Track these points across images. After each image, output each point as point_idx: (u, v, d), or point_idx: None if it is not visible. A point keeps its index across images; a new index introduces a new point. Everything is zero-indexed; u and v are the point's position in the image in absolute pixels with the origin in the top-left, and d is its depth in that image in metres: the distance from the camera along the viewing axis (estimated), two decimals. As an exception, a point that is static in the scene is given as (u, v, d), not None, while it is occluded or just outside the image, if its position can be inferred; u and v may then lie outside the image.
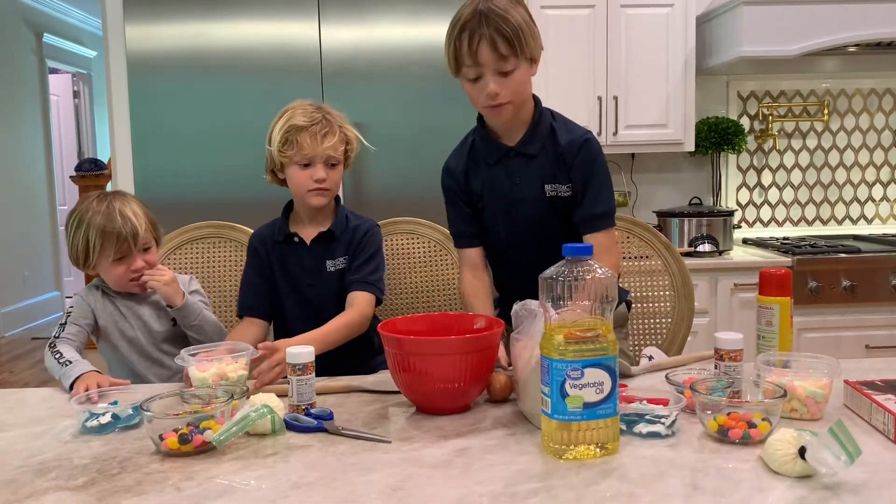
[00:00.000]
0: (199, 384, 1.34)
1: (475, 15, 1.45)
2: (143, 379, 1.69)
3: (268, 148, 1.73)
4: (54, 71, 7.15)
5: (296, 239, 1.77)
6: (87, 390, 1.38)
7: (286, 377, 1.31)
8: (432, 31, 2.86)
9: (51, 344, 1.61)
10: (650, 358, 1.61)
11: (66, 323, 1.67)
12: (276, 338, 1.77)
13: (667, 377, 1.33)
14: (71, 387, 1.45)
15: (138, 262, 1.66)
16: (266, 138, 1.73)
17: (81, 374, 1.46)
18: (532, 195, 1.62)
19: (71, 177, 6.05)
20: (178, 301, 1.67)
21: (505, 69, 1.48)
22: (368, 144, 1.81)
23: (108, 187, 6.30)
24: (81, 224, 1.64)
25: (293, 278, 1.78)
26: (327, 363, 1.50)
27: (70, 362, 1.52)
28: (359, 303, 1.71)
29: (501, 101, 1.50)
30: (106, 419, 1.25)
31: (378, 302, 1.77)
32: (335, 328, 1.64)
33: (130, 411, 1.27)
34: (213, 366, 1.37)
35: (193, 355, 1.39)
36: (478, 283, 1.68)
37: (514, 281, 1.72)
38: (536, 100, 1.63)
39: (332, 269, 1.76)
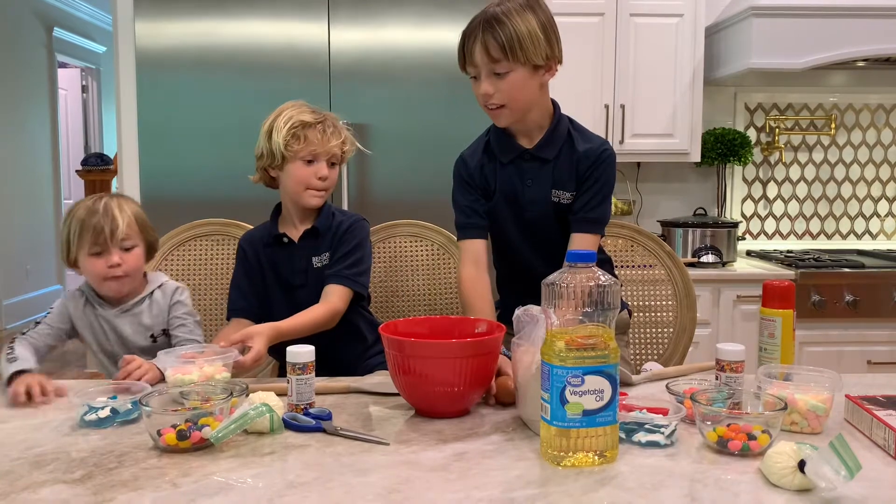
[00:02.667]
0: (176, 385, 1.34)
1: (479, 18, 1.53)
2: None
3: (265, 144, 1.72)
4: (63, 65, 7.17)
5: (285, 240, 1.77)
6: (27, 391, 1.38)
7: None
8: (441, 35, 2.86)
9: (11, 340, 1.59)
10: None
11: (41, 321, 1.66)
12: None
13: (667, 387, 1.33)
14: (9, 382, 1.44)
15: (114, 258, 1.60)
16: (262, 135, 1.73)
17: (21, 373, 1.45)
18: (540, 198, 1.64)
19: (77, 171, 6.06)
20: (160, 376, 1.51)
21: (497, 71, 1.52)
22: (363, 148, 1.83)
23: (114, 182, 6.33)
24: (68, 217, 1.64)
25: (283, 279, 1.77)
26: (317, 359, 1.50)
27: (16, 359, 1.50)
28: (330, 297, 1.68)
29: (495, 102, 1.54)
30: (105, 413, 1.25)
31: (360, 297, 1.75)
32: (300, 323, 1.62)
33: (129, 406, 1.27)
34: (192, 369, 1.36)
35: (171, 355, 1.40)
36: (479, 282, 1.65)
37: (514, 282, 1.72)
38: (556, 105, 1.65)
39: (318, 265, 1.75)
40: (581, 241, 1.62)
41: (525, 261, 1.69)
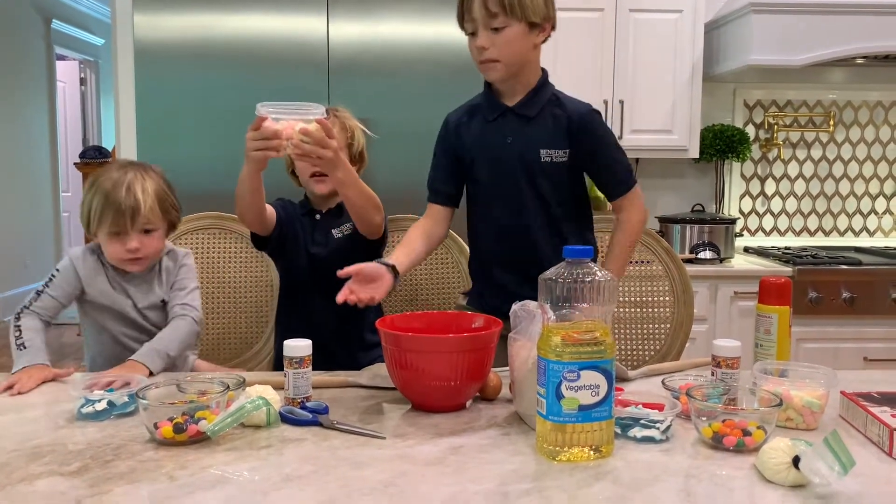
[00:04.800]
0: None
1: None
2: (125, 347, 1.65)
3: None
4: (61, 58, 7.16)
5: (317, 216, 1.89)
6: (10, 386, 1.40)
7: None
8: (440, 29, 2.86)
9: (18, 315, 1.60)
10: None
11: (42, 291, 1.64)
12: (287, 300, 1.91)
13: (663, 382, 1.33)
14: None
15: (133, 243, 1.60)
16: None
17: (25, 367, 1.47)
18: (526, 156, 1.64)
19: (75, 164, 6.05)
20: (147, 373, 1.50)
21: (494, 25, 1.54)
22: (372, 133, 1.91)
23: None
24: (93, 187, 1.62)
25: (305, 246, 1.87)
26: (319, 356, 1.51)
27: (24, 347, 1.52)
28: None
29: (490, 56, 1.57)
30: (101, 406, 1.25)
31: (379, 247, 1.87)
32: (366, 188, 1.73)
33: (126, 399, 1.27)
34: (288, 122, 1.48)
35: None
36: (421, 230, 1.72)
37: (492, 246, 1.72)
38: (545, 72, 1.69)
39: (339, 235, 1.86)
40: (625, 203, 1.69)
41: (504, 219, 1.68)
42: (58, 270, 1.67)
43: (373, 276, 1.49)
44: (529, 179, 1.65)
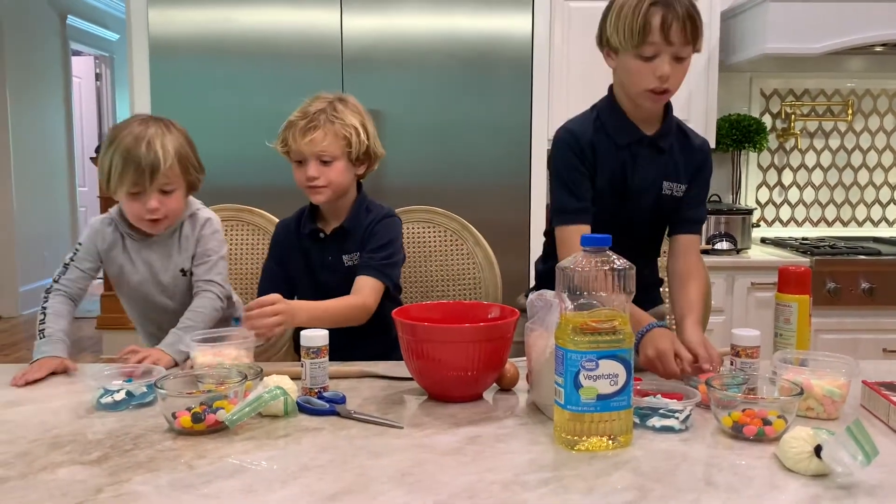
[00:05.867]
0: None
1: None
2: (150, 320, 1.67)
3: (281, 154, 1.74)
4: (77, 53, 7.19)
5: (321, 235, 1.75)
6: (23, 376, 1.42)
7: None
8: (453, 21, 2.85)
9: (46, 291, 1.60)
10: None
11: (69, 264, 1.64)
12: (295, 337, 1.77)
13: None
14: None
15: (153, 202, 1.56)
16: None
17: (38, 359, 1.48)
18: (649, 188, 1.58)
19: (91, 158, 6.08)
20: (172, 362, 1.50)
21: (682, 55, 1.45)
22: (374, 128, 1.75)
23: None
24: (112, 142, 1.57)
25: (313, 273, 1.76)
26: (344, 350, 1.50)
27: (43, 335, 1.53)
28: (363, 290, 1.64)
29: (669, 87, 1.47)
30: (120, 396, 1.26)
31: (389, 292, 1.72)
32: (337, 307, 1.60)
33: (145, 389, 1.28)
34: (216, 353, 1.37)
35: (199, 341, 1.39)
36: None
37: None
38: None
39: (350, 263, 1.73)
40: (688, 242, 1.61)
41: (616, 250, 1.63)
42: (80, 244, 1.67)
43: None
44: (648, 211, 1.60)
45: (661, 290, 1.85)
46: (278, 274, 1.78)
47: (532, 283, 1.76)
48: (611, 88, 1.60)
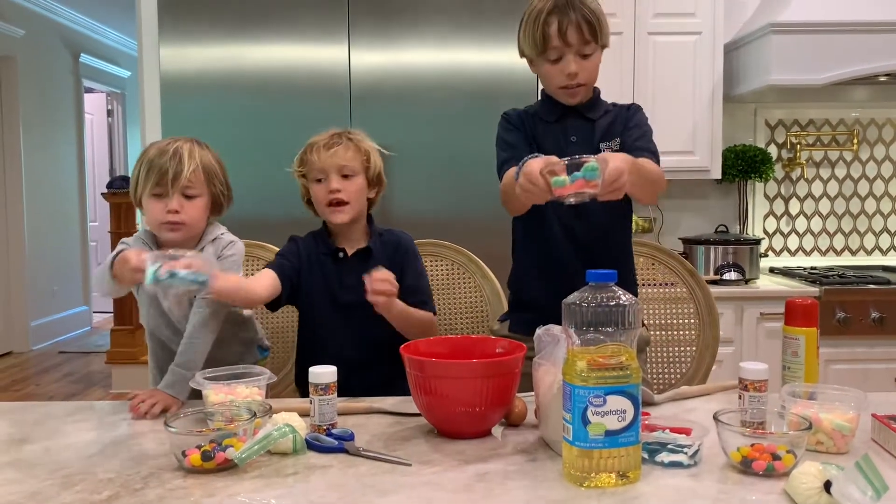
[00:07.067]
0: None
1: (561, 2, 1.58)
2: (176, 329, 1.67)
3: (297, 178, 1.79)
4: (89, 90, 7.31)
5: (340, 255, 1.78)
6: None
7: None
8: (460, 57, 2.89)
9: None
10: None
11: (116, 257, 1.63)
12: (305, 355, 1.79)
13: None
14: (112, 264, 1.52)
15: (173, 203, 1.60)
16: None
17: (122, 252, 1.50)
18: (587, 153, 1.59)
19: (102, 193, 6.14)
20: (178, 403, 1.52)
21: (585, 52, 1.60)
22: (388, 153, 1.83)
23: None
24: (142, 156, 1.65)
25: (332, 292, 1.77)
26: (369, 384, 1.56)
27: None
28: (433, 320, 1.78)
29: (580, 81, 1.62)
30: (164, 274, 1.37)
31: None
32: (420, 317, 1.72)
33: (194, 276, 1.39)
34: (228, 391, 1.38)
35: (209, 379, 1.40)
36: None
37: (545, 269, 1.69)
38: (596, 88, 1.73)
39: None
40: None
41: (563, 218, 1.66)
42: (123, 247, 1.65)
43: None
44: None
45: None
46: (290, 269, 1.77)
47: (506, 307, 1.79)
48: (542, 93, 1.75)
